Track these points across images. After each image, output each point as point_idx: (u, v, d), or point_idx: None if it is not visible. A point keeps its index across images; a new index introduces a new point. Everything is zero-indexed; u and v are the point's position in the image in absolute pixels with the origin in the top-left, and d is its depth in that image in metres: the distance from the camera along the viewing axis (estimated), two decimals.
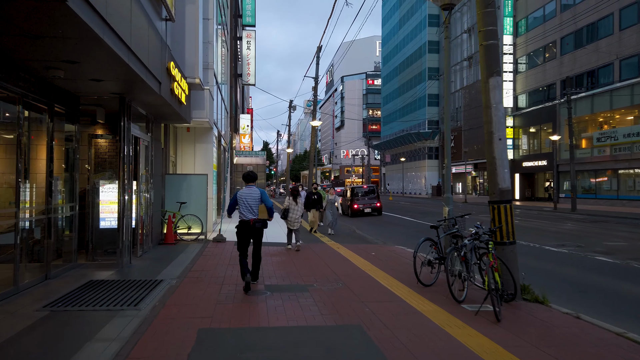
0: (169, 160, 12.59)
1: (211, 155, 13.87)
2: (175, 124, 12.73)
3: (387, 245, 12.39)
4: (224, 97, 19.82)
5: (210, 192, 13.65)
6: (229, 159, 22.48)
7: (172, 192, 11.97)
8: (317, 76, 26.61)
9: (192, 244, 11.26)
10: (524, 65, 41.88)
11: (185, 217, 11.83)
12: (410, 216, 22.97)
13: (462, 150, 51.12)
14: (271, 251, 10.50)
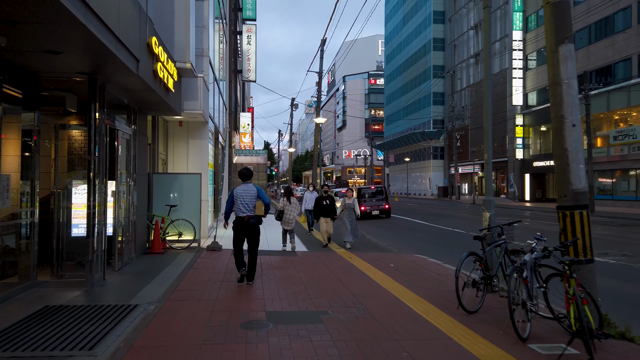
0: (158, 158, 11.16)
1: (206, 152, 12.44)
2: (165, 116, 11.30)
3: (403, 253, 10.96)
4: (222, 92, 18.40)
5: (205, 194, 12.22)
6: (227, 157, 21.05)
7: (161, 194, 10.54)
8: (322, 71, 25.17)
9: (183, 254, 9.83)
10: (534, 62, 40.43)
11: (175, 222, 10.40)
12: (422, 219, 21.52)
13: (468, 149, 49.71)
14: (274, 262, 9.06)
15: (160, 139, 11.66)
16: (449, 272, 8.28)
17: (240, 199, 6.93)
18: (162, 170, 11.79)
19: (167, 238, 10.38)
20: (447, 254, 10.98)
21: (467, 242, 13.09)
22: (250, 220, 6.91)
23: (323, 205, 11.57)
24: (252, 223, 6.95)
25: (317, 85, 25.26)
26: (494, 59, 45.56)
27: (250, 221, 6.91)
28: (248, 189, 7.00)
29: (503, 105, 43.02)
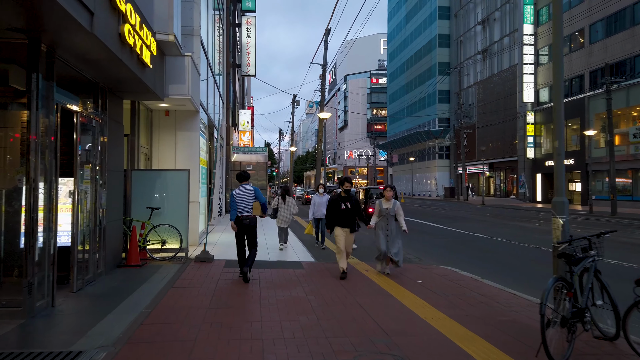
0: (139, 152, 9.51)
1: (197, 146, 10.79)
2: (147, 102, 9.65)
3: (427, 264, 9.29)
4: (217, 83, 16.78)
5: (196, 194, 10.57)
6: (218, 153, 19.41)
7: (141, 194, 8.89)
8: (325, 63, 23.54)
9: (166, 266, 8.16)
10: (545, 57, 38.76)
11: (158, 228, 8.74)
12: (435, 222, 19.84)
13: (476, 148, 48.04)
14: (275, 278, 7.38)
15: (142, 129, 10.01)
16: (495, 292, 6.62)
17: (239, 200, 7.23)
18: (144, 167, 10.14)
19: (149, 247, 8.73)
20: (480, 265, 9.33)
21: (497, 250, 11.39)
22: (245, 220, 7.23)
23: (341, 211, 7.55)
24: (245, 223, 7.25)
25: (321, 78, 23.62)
26: (503, 55, 43.93)
27: (245, 221, 7.23)
28: (246, 190, 7.32)
29: (513, 102, 41.36)
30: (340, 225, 7.58)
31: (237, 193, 7.28)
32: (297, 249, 10.95)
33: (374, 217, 7.92)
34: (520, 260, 10.19)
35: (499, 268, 9.25)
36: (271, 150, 77.01)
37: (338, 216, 7.60)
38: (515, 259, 10.27)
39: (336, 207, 7.64)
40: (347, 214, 7.57)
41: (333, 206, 7.67)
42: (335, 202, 7.68)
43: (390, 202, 7.88)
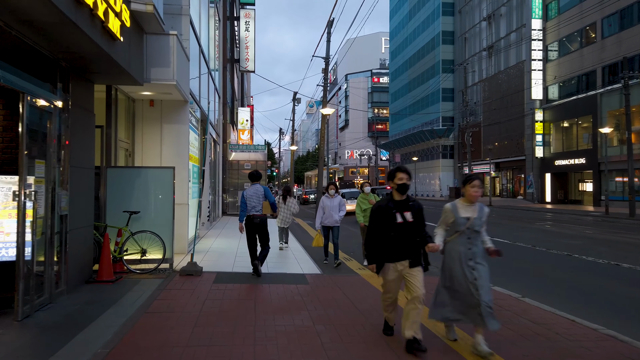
0: (117, 147, 8.21)
1: (186, 141, 9.50)
2: (124, 88, 8.34)
3: None
4: (211, 73, 15.51)
5: (184, 195, 9.28)
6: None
7: (119, 196, 7.60)
8: (328, 56, 22.26)
9: (145, 281, 6.87)
10: (554, 53, 37.46)
11: (137, 235, 7.45)
12: None
13: (481, 148, 46.73)
14: (275, 298, 6.07)
15: (121, 121, 8.72)
16: (548, 317, 5.34)
17: (249, 200, 7.38)
18: (124, 164, 8.85)
19: (126, 257, 7.44)
20: (512, 278, 8.04)
21: (525, 258, 10.04)
22: (255, 219, 7.37)
23: (397, 228, 4.22)
24: (256, 222, 7.38)
25: (323, 72, 22.33)
26: (509, 51, 42.64)
27: (255, 220, 7.37)
28: (256, 190, 7.46)
29: (520, 100, 40.05)
30: (394, 258, 4.21)
31: (247, 193, 7.45)
32: (300, 257, 9.67)
33: (439, 236, 4.37)
34: (556, 271, 8.90)
35: (536, 281, 7.96)
36: (271, 150, 75.73)
37: (392, 240, 4.18)
38: (551, 270, 8.97)
39: (387, 221, 4.19)
40: (407, 234, 4.18)
41: (381, 219, 4.25)
42: (384, 213, 4.24)
43: (475, 206, 4.29)
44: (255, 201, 7.38)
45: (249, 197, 7.38)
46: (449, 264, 4.30)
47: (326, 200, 8.93)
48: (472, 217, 4.24)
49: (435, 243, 4.22)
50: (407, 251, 4.20)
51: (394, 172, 4.36)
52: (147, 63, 7.65)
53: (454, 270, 4.23)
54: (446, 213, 4.35)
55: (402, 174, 4.30)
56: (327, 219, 8.84)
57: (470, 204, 4.30)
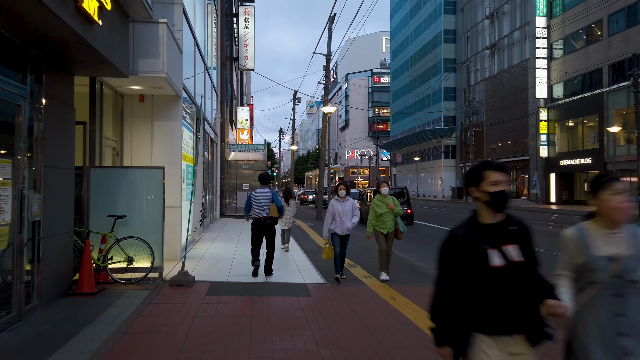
0: (102, 145, 7.57)
1: (178, 139, 8.85)
2: (110, 80, 7.68)
3: None
4: (209, 73, 14.88)
5: (177, 197, 8.63)
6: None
7: (103, 199, 6.95)
8: (330, 53, 21.61)
9: (131, 292, 6.22)
10: (559, 51, 36.82)
11: (123, 241, 6.80)
12: (452, 226, 17.85)
13: (484, 147, 46.06)
14: (274, 314, 5.42)
15: (108, 117, 8.08)
16: None
17: (257, 202, 7.46)
18: (112, 164, 8.21)
19: (111, 266, 6.79)
20: None
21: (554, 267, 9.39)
22: (267, 221, 7.47)
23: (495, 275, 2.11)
24: (268, 224, 7.50)
25: (325, 70, 21.68)
26: (513, 49, 41.99)
27: (267, 222, 7.48)
28: (264, 193, 7.56)
29: (524, 98, 39.39)
30: (495, 329, 2.12)
31: (255, 195, 7.55)
32: (301, 263, 9.02)
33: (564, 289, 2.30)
34: None
35: None
36: (271, 150, 75.10)
37: (486, 298, 2.13)
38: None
39: (474, 264, 2.16)
40: (514, 285, 2.12)
41: (461, 262, 2.20)
42: (466, 251, 2.21)
43: (623, 233, 2.31)
44: (263, 204, 7.49)
45: (256, 199, 7.50)
46: (583, 346, 2.25)
47: (336, 204, 7.48)
48: (622, 256, 2.25)
49: (561, 300, 2.15)
50: (517, 317, 2.12)
51: (479, 170, 2.25)
52: (134, 53, 7.01)
53: (592, 356, 2.21)
54: (569, 244, 2.40)
55: (497, 173, 2.22)
56: (339, 226, 7.39)
57: (614, 229, 2.31)
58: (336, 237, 7.50)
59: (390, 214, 7.44)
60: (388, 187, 7.67)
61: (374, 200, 7.61)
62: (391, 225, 7.46)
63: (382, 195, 7.57)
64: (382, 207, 7.44)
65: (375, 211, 7.43)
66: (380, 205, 7.49)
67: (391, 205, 7.45)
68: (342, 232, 7.42)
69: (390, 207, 7.42)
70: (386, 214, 7.42)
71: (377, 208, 7.45)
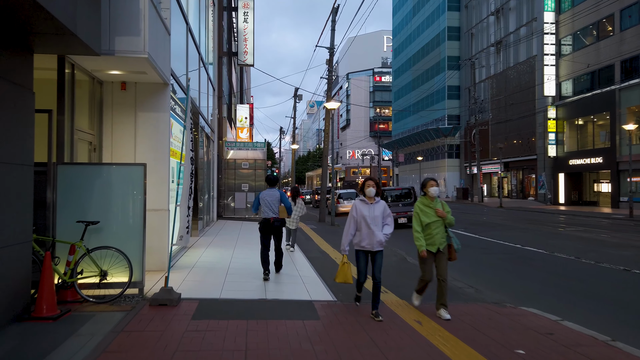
0: (73, 137, 6.48)
1: (166, 132, 7.77)
2: (82, 63, 6.59)
3: (496, 301, 6.28)
4: (204, 62, 13.82)
5: (164, 199, 7.55)
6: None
7: (72, 201, 5.87)
8: (333, 46, 20.53)
9: (102, 315, 5.15)
10: (568, 47, 35.72)
11: (95, 252, 5.72)
12: (465, 229, 16.78)
13: (489, 147, 44.99)
14: (277, 348, 4.33)
15: (82, 107, 7.01)
16: None
17: (265, 202, 7.51)
18: (88, 160, 7.12)
19: (81, 281, 5.72)
20: (573, 304, 6.32)
21: (575, 275, 8.19)
22: (275, 222, 7.51)
23: None
24: (276, 225, 7.53)
25: (328, 64, 20.60)
26: (519, 46, 40.91)
27: (275, 223, 7.51)
28: (273, 193, 7.59)
29: (531, 97, 38.31)
30: None
31: (263, 196, 7.56)
32: (305, 274, 7.94)
33: None
34: (625, 293, 7.17)
35: (609, 309, 6.23)
36: (271, 150, 74.03)
37: None
38: (618, 292, 7.25)
39: None
40: None
41: None
42: None
43: None
44: (272, 204, 7.50)
45: (265, 201, 7.50)
46: None
47: (362, 207, 5.44)
48: None
49: None
50: None
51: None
52: (110, 30, 5.95)
53: None
54: None
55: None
56: (366, 239, 5.36)
57: None
58: (362, 255, 5.42)
59: (441, 224, 5.45)
60: (437, 187, 5.61)
61: (417, 204, 5.63)
62: (442, 240, 5.45)
63: (430, 197, 5.52)
64: (430, 215, 5.45)
65: (421, 220, 5.47)
66: (427, 211, 5.48)
67: (442, 212, 5.45)
68: (372, 246, 5.36)
69: (441, 214, 5.43)
70: (435, 225, 5.43)
71: (423, 215, 5.47)
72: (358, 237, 5.42)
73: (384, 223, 5.46)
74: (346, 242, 5.48)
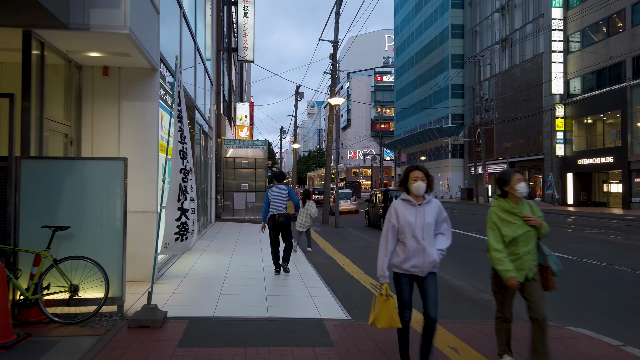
0: (42, 128, 5.55)
1: (154, 124, 6.85)
2: (54, 43, 5.66)
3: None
4: (200, 51, 12.92)
5: (151, 200, 6.65)
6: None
7: (38, 202, 4.95)
8: (337, 40, 19.64)
9: (67, 342, 4.23)
10: (577, 44, 34.81)
11: (65, 263, 4.81)
12: (478, 232, 15.86)
13: (494, 146, 44.09)
14: None
15: (56, 95, 6.10)
16: None
17: (273, 199, 7.59)
18: (63, 155, 6.21)
19: (47, 297, 4.80)
20: (620, 321, 5.39)
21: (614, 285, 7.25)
22: (279, 218, 7.55)
23: None
24: (281, 221, 7.57)
25: (331, 58, 19.70)
26: (525, 43, 40.01)
27: (279, 219, 7.56)
28: (281, 190, 7.66)
29: (538, 95, 37.39)
30: None
31: (272, 193, 7.66)
32: (311, 283, 7.02)
33: None
34: None
35: None
36: (272, 150, 73.14)
37: None
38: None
39: None
40: None
41: None
42: None
43: None
44: (280, 201, 7.60)
45: (273, 197, 7.60)
46: None
47: (405, 209, 3.68)
48: None
49: None
50: None
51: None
52: (84, 0, 5.03)
53: None
54: None
55: None
56: (412, 257, 3.61)
57: None
58: (406, 281, 3.66)
59: (532, 237, 3.71)
60: (526, 183, 3.83)
61: (493, 208, 3.85)
62: (533, 262, 3.72)
63: (514, 199, 3.78)
64: (516, 225, 3.70)
65: (500, 230, 3.73)
66: (510, 220, 3.73)
67: (535, 218, 3.70)
68: (423, 269, 3.61)
69: (534, 221, 3.68)
70: (523, 239, 3.69)
71: (504, 226, 3.72)
72: (399, 255, 3.65)
73: (437, 232, 3.73)
74: (385, 265, 3.62)
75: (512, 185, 3.75)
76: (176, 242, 5.08)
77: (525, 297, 3.68)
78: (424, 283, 3.63)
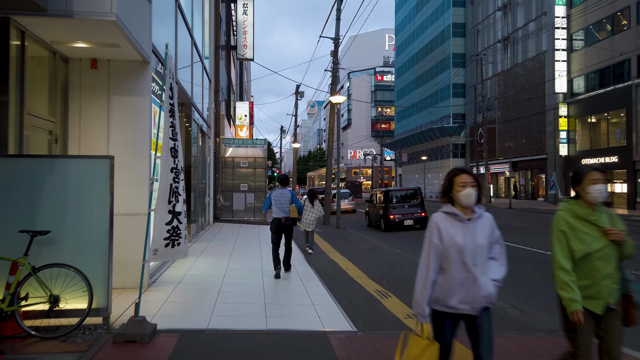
0: (22, 124, 5.12)
1: (146, 120, 6.43)
2: (38, 33, 5.23)
3: (550, 331, 4.92)
4: (197, 47, 12.50)
5: (143, 201, 6.22)
6: (209, 145, 15.08)
7: (14, 204, 4.54)
8: (338, 37, 19.22)
9: (46, 358, 3.81)
10: (580, 42, 34.39)
11: (44, 271, 4.39)
12: None
13: (496, 146, 43.69)
14: None
15: (40, 89, 5.68)
16: None
17: (277, 202, 7.64)
18: (48, 152, 5.79)
19: (26, 309, 4.38)
20: None
21: None
22: (286, 222, 7.64)
23: None
24: (287, 225, 7.66)
25: (333, 56, 19.28)
26: (528, 41, 39.60)
27: (286, 222, 7.64)
28: (284, 194, 7.71)
29: (541, 94, 36.97)
30: None
31: (275, 195, 7.69)
32: (313, 290, 6.60)
33: None
34: None
35: None
36: (272, 149, 72.75)
37: None
38: None
39: None
40: None
41: None
42: None
43: None
44: (283, 204, 7.64)
45: (276, 200, 7.66)
46: None
47: (451, 226, 2.80)
48: None
49: None
50: None
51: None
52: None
53: None
54: None
55: None
56: (459, 290, 2.75)
57: None
58: (448, 321, 2.82)
59: (612, 256, 2.94)
60: (605, 185, 2.99)
61: (561, 213, 3.04)
62: (614, 288, 2.94)
63: (589, 204, 2.99)
64: (591, 238, 2.94)
65: (572, 248, 2.94)
66: (582, 231, 2.96)
67: (617, 232, 2.94)
68: (474, 305, 2.76)
69: (615, 235, 2.92)
70: (600, 256, 2.92)
71: (575, 239, 2.95)
72: (441, 286, 2.79)
73: (490, 256, 2.86)
74: (425, 299, 2.77)
75: (584, 187, 2.92)
76: (166, 248, 4.66)
77: (602, 333, 2.88)
78: (475, 322, 2.78)
